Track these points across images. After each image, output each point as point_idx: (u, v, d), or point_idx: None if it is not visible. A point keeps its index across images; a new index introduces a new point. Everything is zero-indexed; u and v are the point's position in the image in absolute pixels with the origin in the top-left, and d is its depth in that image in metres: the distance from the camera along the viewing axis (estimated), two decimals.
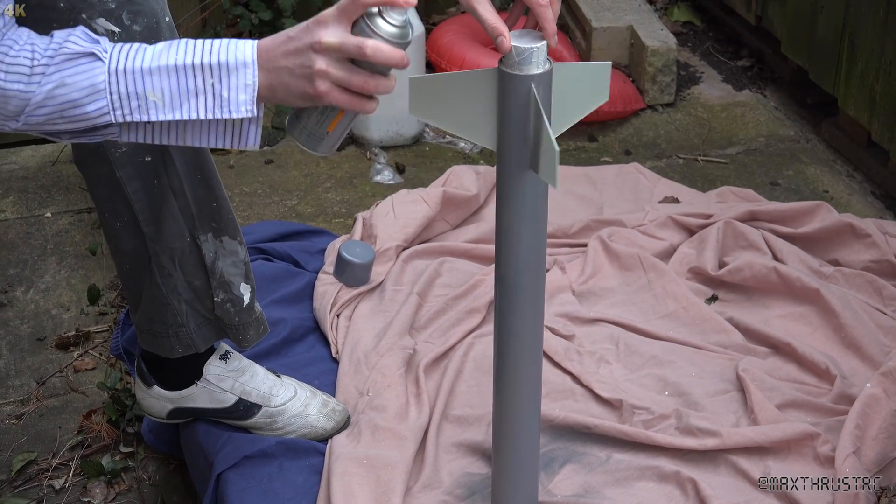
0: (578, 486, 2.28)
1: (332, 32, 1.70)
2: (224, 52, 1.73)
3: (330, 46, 1.70)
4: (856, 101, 3.38)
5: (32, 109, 1.70)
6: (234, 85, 1.73)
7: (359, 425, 2.38)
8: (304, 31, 1.71)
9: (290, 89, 1.73)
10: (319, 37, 1.70)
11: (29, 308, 3.03)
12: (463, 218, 3.05)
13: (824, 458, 2.29)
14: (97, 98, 1.71)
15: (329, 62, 1.71)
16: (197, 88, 1.73)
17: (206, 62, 1.72)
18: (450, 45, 3.72)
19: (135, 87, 1.72)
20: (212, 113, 1.73)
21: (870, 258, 2.84)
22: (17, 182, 3.49)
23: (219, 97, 1.73)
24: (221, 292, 2.24)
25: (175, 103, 1.73)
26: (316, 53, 1.70)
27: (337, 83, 1.72)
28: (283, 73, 1.72)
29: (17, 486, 2.57)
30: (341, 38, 1.70)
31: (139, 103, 1.72)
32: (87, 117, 1.72)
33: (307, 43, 1.70)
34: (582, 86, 1.86)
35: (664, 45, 3.78)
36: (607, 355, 2.60)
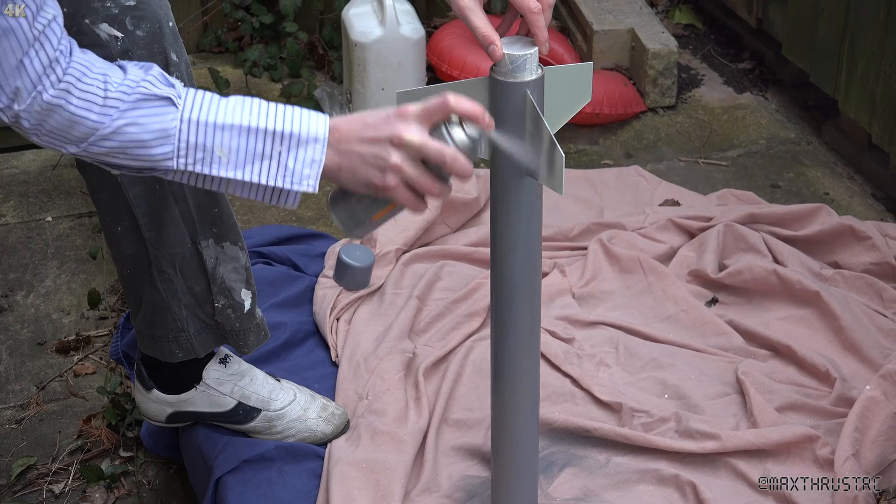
0: (578, 490, 2.27)
1: (413, 131, 1.71)
2: (298, 122, 1.73)
3: (411, 145, 1.71)
4: (856, 104, 3.38)
5: (98, 140, 1.69)
6: (301, 158, 1.73)
7: (358, 429, 2.37)
8: (384, 122, 1.72)
9: (358, 175, 1.74)
10: (401, 133, 1.71)
11: (29, 312, 3.03)
12: (463, 221, 3.05)
13: (824, 460, 2.28)
14: (165, 143, 1.71)
15: (404, 159, 1.71)
16: (264, 153, 1.73)
17: (279, 130, 1.72)
18: (450, 49, 3.72)
19: (204, 140, 1.72)
20: (273, 180, 1.73)
21: (870, 260, 2.84)
22: (18, 186, 3.49)
23: (283, 166, 1.73)
24: (222, 298, 2.24)
25: (240, 163, 1.73)
26: (394, 148, 1.71)
27: (405, 181, 1.73)
28: (355, 157, 1.73)
29: (17, 491, 2.57)
30: (422, 140, 1.71)
31: (205, 156, 1.72)
32: (151, 159, 1.72)
33: (386, 135, 1.71)
34: (566, 88, 1.86)
35: (665, 47, 3.78)
36: (607, 358, 2.59)
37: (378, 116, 1.73)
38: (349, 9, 3.58)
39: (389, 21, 3.46)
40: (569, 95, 1.87)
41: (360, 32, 3.48)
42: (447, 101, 1.71)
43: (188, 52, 4.04)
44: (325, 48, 3.99)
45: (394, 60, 3.48)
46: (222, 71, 3.88)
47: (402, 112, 1.72)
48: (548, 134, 1.74)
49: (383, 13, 3.46)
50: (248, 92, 3.85)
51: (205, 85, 3.83)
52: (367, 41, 3.47)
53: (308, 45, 4.02)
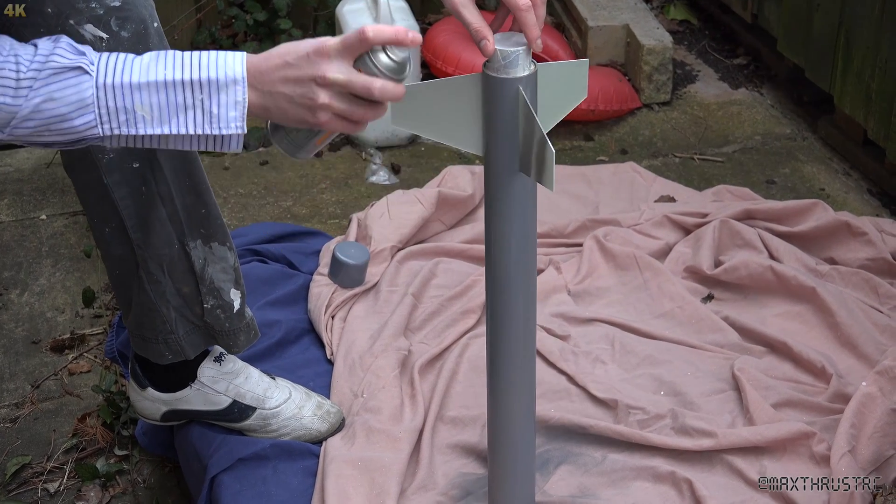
0: (574, 487, 2.27)
1: (336, 67, 1.69)
2: (214, 67, 1.71)
3: (336, 82, 1.69)
4: (852, 99, 3.37)
5: (19, 122, 1.69)
6: (223, 102, 1.72)
7: (353, 427, 2.37)
8: (304, 61, 1.70)
9: (288, 114, 1.73)
10: (324, 71, 1.69)
11: (24, 311, 3.02)
12: (458, 218, 3.04)
13: (820, 457, 2.28)
14: (85, 112, 1.70)
15: (332, 95, 1.70)
16: (186, 104, 1.72)
17: (196, 78, 1.71)
18: (445, 45, 3.71)
19: (123, 102, 1.70)
20: (201, 129, 1.72)
21: (866, 256, 2.83)
22: (12, 184, 3.49)
23: (208, 113, 1.72)
24: (211, 298, 2.23)
25: (164, 118, 1.72)
26: (319, 87, 1.70)
27: (338, 114, 1.72)
28: (280, 98, 1.72)
29: (11, 490, 2.56)
30: (348, 76, 1.69)
31: (127, 117, 1.71)
32: (75, 130, 1.71)
33: (309, 74, 1.70)
34: (562, 85, 1.85)
35: (660, 43, 3.77)
36: (603, 355, 2.59)
37: (298, 55, 1.70)
38: (343, 5, 3.57)
39: (384, 18, 3.45)
40: (564, 92, 1.87)
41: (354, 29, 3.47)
42: (366, 33, 1.68)
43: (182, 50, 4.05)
44: None
45: None
46: None
47: (321, 49, 1.69)
48: (539, 131, 1.74)
49: (377, 10, 3.45)
50: None
51: None
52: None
53: None
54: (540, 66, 1.82)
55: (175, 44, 3.95)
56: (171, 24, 4.00)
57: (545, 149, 1.72)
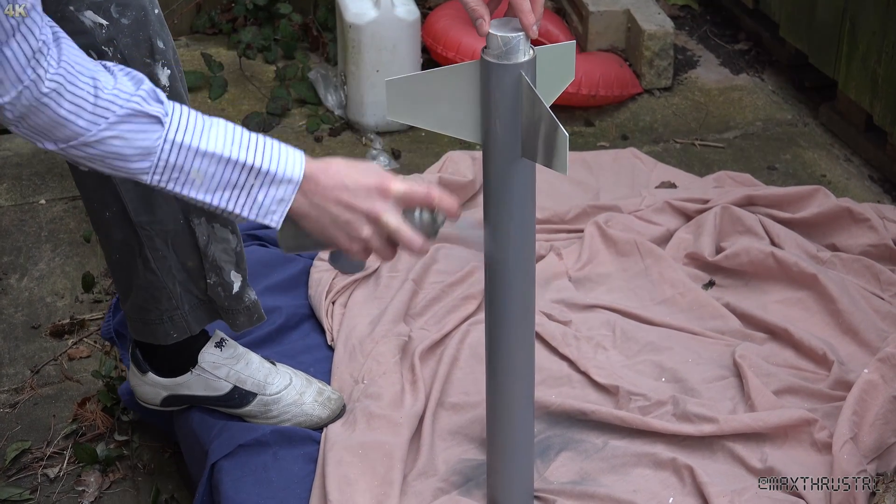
0: (575, 474, 2.27)
1: (391, 213, 1.77)
2: (276, 160, 1.75)
3: (387, 227, 1.77)
4: (857, 85, 3.36)
5: (80, 144, 1.68)
6: (271, 195, 1.75)
7: (354, 413, 2.36)
8: (364, 193, 1.76)
9: (325, 231, 1.78)
10: (379, 212, 1.76)
11: (23, 296, 3.02)
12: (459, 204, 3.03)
13: (821, 444, 2.28)
14: (145, 160, 1.71)
15: (374, 234, 1.78)
16: (237, 184, 1.75)
17: (257, 165, 1.74)
18: (445, 30, 3.70)
19: (183, 162, 1.72)
20: (240, 209, 1.76)
21: (868, 242, 2.83)
22: (11, 169, 3.48)
23: (252, 199, 1.75)
24: (213, 275, 2.24)
25: (211, 188, 1.74)
26: (368, 223, 1.76)
27: (371, 250, 1.80)
28: (326, 216, 1.77)
29: (11, 476, 2.56)
30: (399, 225, 1.77)
31: (180, 176, 1.73)
32: (127, 170, 1.72)
33: (365, 209, 1.76)
34: (551, 68, 1.84)
35: (661, 28, 3.76)
36: (604, 341, 2.58)
37: (359, 183, 1.76)
38: None
39: (384, 2, 3.44)
40: (554, 75, 1.86)
41: (355, 14, 3.47)
42: (432, 195, 1.78)
43: (181, 34, 4.05)
44: (320, 30, 3.97)
45: (388, 42, 3.46)
46: (216, 53, 3.86)
47: (384, 189, 1.76)
48: (548, 115, 1.73)
49: None
50: (243, 74, 3.83)
51: (197, 68, 3.81)
52: (362, 23, 3.45)
53: (302, 27, 4.00)
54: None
55: (175, 29, 3.95)
56: (171, 8, 3.99)
57: (556, 132, 1.71)
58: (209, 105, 3.71)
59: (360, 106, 3.54)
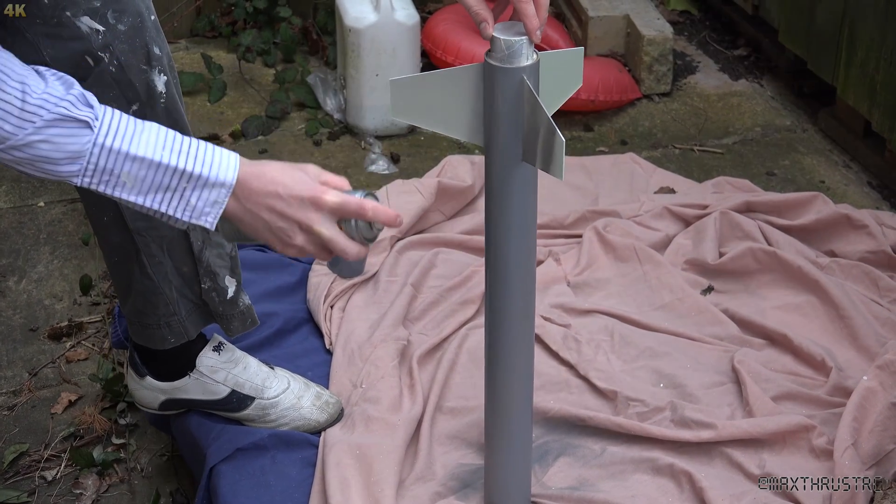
0: (573, 479, 2.27)
1: (324, 224, 1.78)
2: (208, 164, 1.75)
3: (320, 237, 1.78)
4: (856, 91, 3.37)
5: (7, 148, 1.68)
6: (203, 197, 1.76)
7: (352, 417, 2.36)
8: (297, 203, 1.76)
9: (259, 234, 1.80)
10: (312, 222, 1.77)
11: (21, 298, 3.01)
12: (458, 209, 3.03)
13: (820, 450, 2.28)
14: (74, 163, 1.71)
15: (308, 242, 1.79)
16: (169, 186, 1.75)
17: (189, 170, 1.74)
18: (445, 35, 3.71)
19: (113, 166, 1.72)
20: (173, 211, 1.77)
21: (866, 249, 2.83)
22: (10, 171, 3.47)
23: (185, 201, 1.76)
24: (208, 280, 2.24)
25: (143, 191, 1.75)
26: (302, 231, 1.78)
27: (304, 253, 1.81)
28: (259, 221, 1.78)
29: (9, 478, 2.55)
30: (332, 235, 1.78)
31: (110, 179, 1.73)
32: (56, 174, 1.72)
33: (297, 218, 1.77)
34: (557, 74, 1.85)
35: (661, 34, 3.76)
36: (603, 346, 2.58)
37: (292, 192, 1.77)
38: None
39: (384, 6, 3.44)
40: (560, 81, 1.87)
41: (355, 18, 3.47)
42: (366, 209, 1.78)
43: (181, 37, 4.05)
44: (319, 33, 3.97)
45: (388, 46, 3.46)
46: (216, 56, 3.86)
47: (318, 201, 1.77)
48: (546, 119, 1.73)
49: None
50: (242, 77, 3.83)
51: (197, 70, 3.81)
52: (362, 27, 3.45)
53: (302, 31, 4.00)
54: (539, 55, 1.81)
55: (175, 32, 3.96)
56: (171, 11, 3.99)
57: (553, 137, 1.72)
58: (208, 108, 3.71)
59: (360, 110, 3.54)
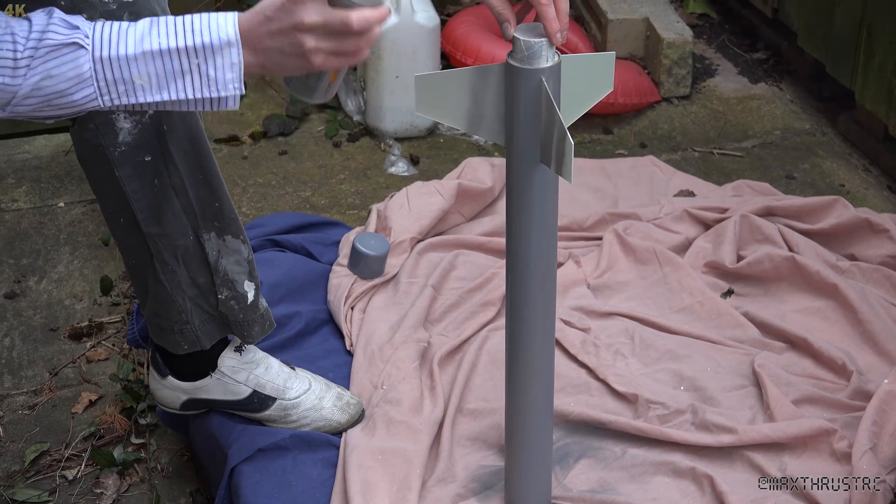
0: (594, 481, 2.27)
1: (311, 11, 1.71)
2: (207, 31, 1.72)
3: (314, 25, 1.71)
4: (873, 95, 3.36)
5: (20, 100, 1.69)
6: (220, 65, 1.73)
7: (373, 418, 2.37)
8: (282, 12, 1.71)
9: (285, 66, 1.75)
10: (300, 17, 1.71)
11: (42, 298, 3.02)
12: (478, 210, 3.04)
13: (840, 454, 2.28)
14: (84, 86, 1.71)
15: (318, 38, 1.72)
16: (183, 69, 1.73)
17: (191, 44, 1.72)
18: (465, 37, 3.71)
19: (121, 74, 1.72)
20: (199, 93, 1.74)
21: (887, 253, 2.82)
22: (31, 171, 3.49)
23: (205, 76, 1.74)
24: (225, 290, 2.24)
25: (162, 85, 1.73)
26: (301, 33, 1.72)
27: (331, 53, 1.74)
28: (274, 53, 1.74)
29: (30, 477, 2.56)
30: (324, 16, 1.71)
31: (126, 87, 1.72)
32: (75, 104, 1.72)
33: (290, 24, 1.71)
34: (587, 77, 1.85)
35: (680, 37, 3.76)
36: (623, 349, 2.58)
37: (275, 7, 1.72)
38: None
39: (404, 9, 3.45)
40: (588, 85, 1.87)
41: None
42: None
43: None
44: None
45: (408, 48, 3.47)
46: None
47: None
48: (559, 121, 1.73)
49: (398, 0, 3.44)
50: (262, 78, 3.83)
51: None
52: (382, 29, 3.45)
53: None
54: (564, 58, 1.82)
55: None
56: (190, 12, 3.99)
57: (564, 140, 1.72)
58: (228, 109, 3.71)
59: (379, 111, 3.54)
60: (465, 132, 3.59)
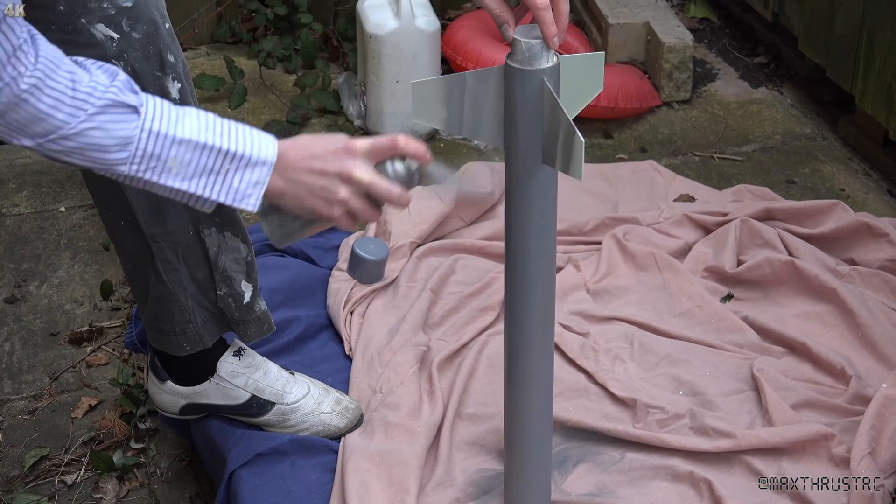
0: (592, 486, 2.27)
1: (362, 168, 1.79)
2: (248, 143, 1.76)
3: (360, 183, 1.78)
4: (873, 99, 3.36)
5: (58, 138, 1.68)
6: (246, 179, 1.77)
7: (372, 423, 2.37)
8: (332, 156, 1.78)
9: (304, 204, 1.80)
10: (350, 170, 1.78)
11: (42, 303, 3.03)
12: (477, 215, 3.04)
13: (839, 459, 2.28)
14: (124, 150, 1.72)
15: (351, 193, 1.79)
16: (213, 169, 1.76)
17: (231, 150, 1.75)
18: (465, 41, 3.71)
19: (161, 151, 1.73)
20: (217, 195, 1.78)
21: (886, 257, 2.82)
22: (32, 176, 3.49)
23: (229, 184, 1.77)
24: (224, 286, 2.25)
25: (188, 175, 1.76)
26: (342, 183, 1.78)
27: (352, 211, 1.81)
28: (301, 187, 1.78)
29: (30, 482, 2.56)
30: (372, 178, 1.79)
31: (156, 165, 1.74)
32: (106, 162, 1.73)
33: (336, 170, 1.78)
34: (578, 78, 1.86)
35: (680, 41, 3.76)
36: (622, 354, 2.59)
37: (326, 149, 1.78)
38: (364, 1, 3.57)
39: (404, 13, 3.45)
40: (581, 85, 1.88)
41: (375, 24, 3.48)
42: (397, 142, 1.79)
43: (202, 43, 4.07)
44: (340, 40, 3.98)
45: (409, 53, 3.47)
46: (237, 62, 3.87)
47: (350, 148, 1.79)
48: (566, 120, 1.74)
49: (398, 5, 3.45)
50: (263, 83, 3.84)
51: (219, 74, 3.82)
52: (382, 33, 3.46)
53: (322, 37, 4.01)
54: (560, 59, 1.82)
55: (195, 38, 3.97)
56: (192, 17, 4.00)
57: (573, 138, 1.73)
58: (229, 114, 3.72)
59: (380, 116, 3.55)
60: (464, 137, 3.59)
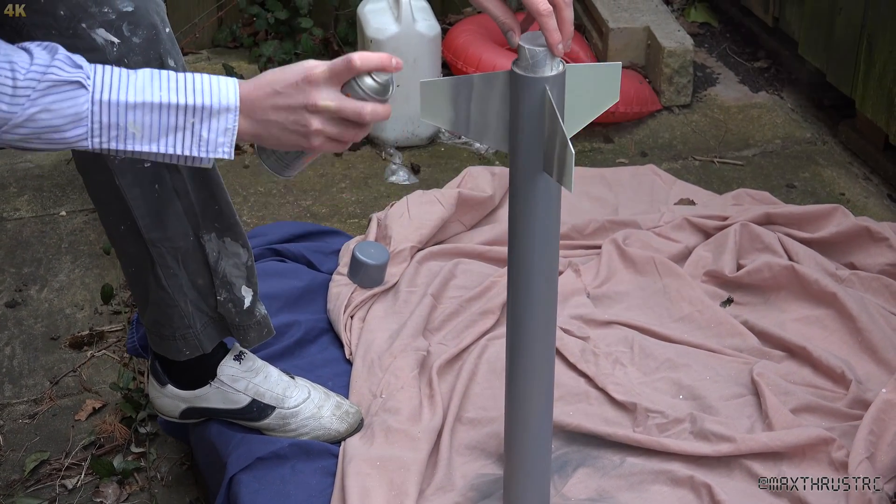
0: (592, 490, 2.27)
1: (326, 94, 1.75)
2: (208, 93, 1.75)
3: (327, 110, 1.75)
4: (874, 104, 3.36)
5: (10, 128, 1.69)
6: (214, 127, 1.76)
7: (372, 427, 2.37)
8: (294, 89, 1.75)
9: (281, 140, 1.78)
10: (314, 99, 1.75)
11: (43, 307, 3.03)
12: (478, 219, 3.04)
13: (839, 463, 2.28)
14: (78, 125, 1.72)
15: (324, 121, 1.76)
16: (177, 126, 1.75)
17: (190, 103, 1.74)
18: (466, 46, 3.71)
19: (116, 119, 1.73)
20: (188, 150, 1.76)
21: (886, 262, 2.82)
22: (33, 180, 3.49)
23: (197, 136, 1.76)
24: (224, 291, 2.25)
25: (154, 137, 1.75)
26: (310, 114, 1.76)
27: (331, 138, 1.78)
28: (273, 126, 1.77)
29: (30, 486, 2.57)
30: (338, 102, 1.75)
31: (118, 133, 1.73)
32: (65, 141, 1.73)
33: (301, 103, 1.75)
34: (593, 87, 1.85)
35: (681, 46, 3.77)
36: (622, 358, 2.59)
37: (287, 82, 1.75)
38: (364, 5, 3.58)
39: (405, 17, 3.45)
40: (594, 95, 1.87)
41: (376, 29, 3.48)
42: (353, 61, 1.74)
43: (203, 48, 4.07)
44: (341, 44, 3.98)
45: (409, 57, 3.47)
46: (237, 66, 3.88)
47: (310, 77, 1.75)
48: (560, 130, 1.74)
49: (399, 10, 3.45)
50: None
51: None
52: (383, 38, 3.46)
53: (323, 42, 4.02)
54: (570, 67, 1.82)
55: (196, 43, 3.97)
56: (193, 22, 4.00)
57: (566, 150, 1.73)
58: None
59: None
60: (469, 140, 3.59)
